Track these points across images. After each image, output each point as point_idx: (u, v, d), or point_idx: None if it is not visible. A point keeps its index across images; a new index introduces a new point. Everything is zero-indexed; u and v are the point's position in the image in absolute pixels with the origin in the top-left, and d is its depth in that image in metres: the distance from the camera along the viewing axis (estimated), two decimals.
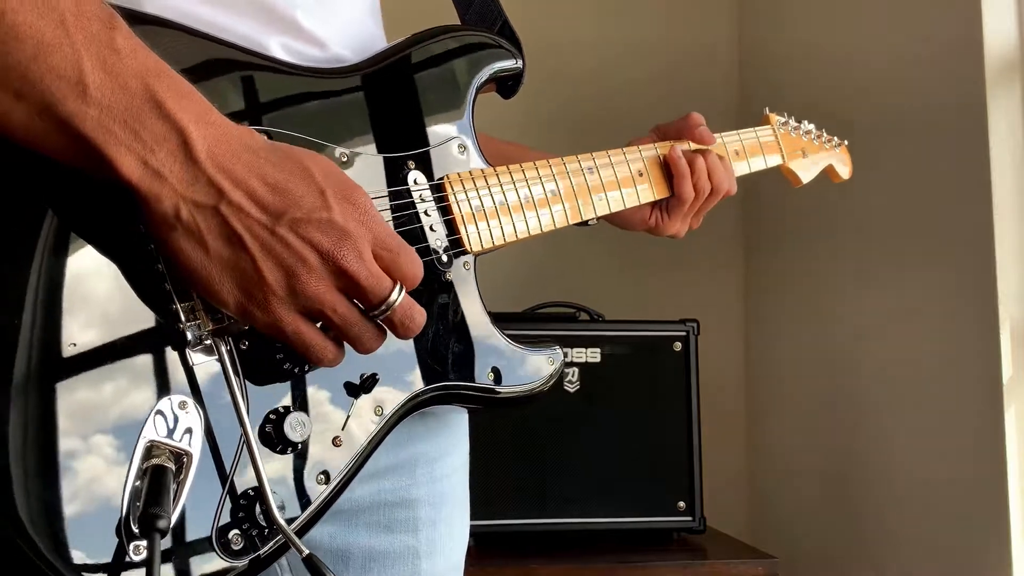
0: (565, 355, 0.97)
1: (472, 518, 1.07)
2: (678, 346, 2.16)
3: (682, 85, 2.73)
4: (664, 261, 2.65)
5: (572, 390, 2.11)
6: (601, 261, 2.61)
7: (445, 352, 0.88)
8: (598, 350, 2.14)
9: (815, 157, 1.29)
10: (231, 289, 0.69)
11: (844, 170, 1.35)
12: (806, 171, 1.28)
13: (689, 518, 2.12)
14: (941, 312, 1.97)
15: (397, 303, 0.74)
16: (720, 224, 2.72)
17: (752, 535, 2.60)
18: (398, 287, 0.74)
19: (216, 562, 0.72)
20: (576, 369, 2.11)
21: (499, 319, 0.95)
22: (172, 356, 0.72)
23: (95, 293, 0.69)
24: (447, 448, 1.00)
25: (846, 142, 1.36)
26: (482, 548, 2.02)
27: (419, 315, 0.76)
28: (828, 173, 1.33)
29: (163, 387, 0.71)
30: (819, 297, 2.43)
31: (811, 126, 1.30)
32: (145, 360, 0.71)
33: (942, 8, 1.98)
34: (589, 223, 1.12)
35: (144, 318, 0.71)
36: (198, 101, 0.68)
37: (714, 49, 2.84)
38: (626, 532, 2.12)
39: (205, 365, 0.73)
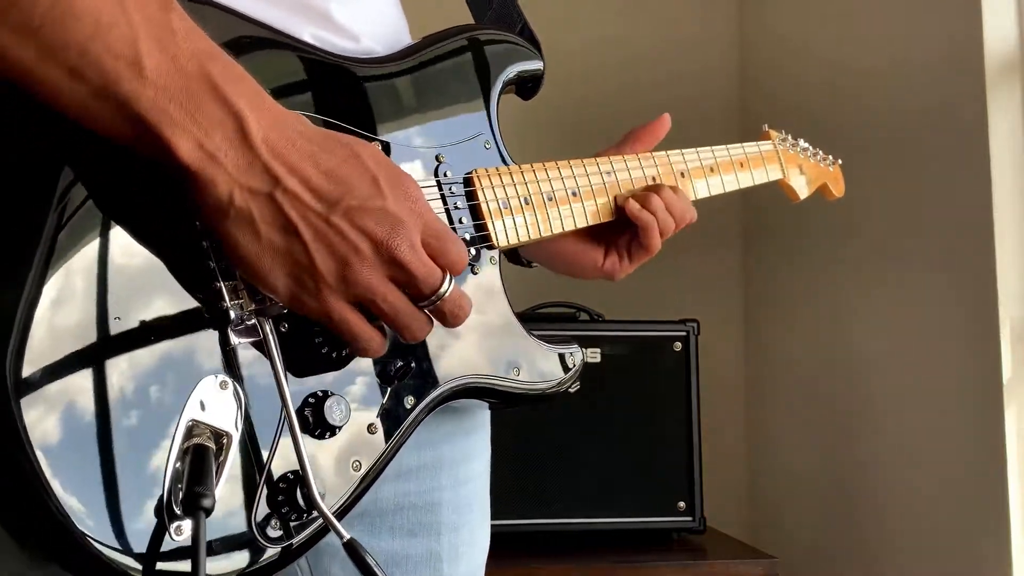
0: (572, 354, 0.97)
1: None
2: (678, 346, 2.16)
3: (681, 86, 2.73)
4: (664, 261, 2.64)
5: (572, 390, 2.11)
6: None
7: (473, 345, 0.88)
8: (598, 350, 2.14)
9: (811, 174, 1.32)
10: (281, 276, 0.68)
11: (837, 189, 1.38)
12: (803, 187, 1.31)
13: (689, 518, 2.12)
14: (941, 312, 1.98)
15: (447, 293, 0.73)
16: (720, 224, 2.72)
17: (752, 535, 2.60)
18: (448, 277, 0.73)
19: (254, 546, 0.71)
20: None
21: None
22: (212, 335, 0.71)
23: (136, 269, 0.68)
24: (472, 452, 1.00)
25: (840, 161, 1.38)
26: None
27: (467, 305, 0.76)
28: (822, 191, 1.36)
29: (204, 366, 0.70)
30: (819, 297, 2.43)
31: (807, 144, 1.33)
32: (186, 338, 0.69)
33: (942, 8, 1.98)
34: (532, 265, 1.11)
35: (186, 296, 0.70)
36: (252, 85, 0.67)
37: (714, 50, 2.84)
38: (626, 532, 2.12)
39: (245, 346, 0.72)
